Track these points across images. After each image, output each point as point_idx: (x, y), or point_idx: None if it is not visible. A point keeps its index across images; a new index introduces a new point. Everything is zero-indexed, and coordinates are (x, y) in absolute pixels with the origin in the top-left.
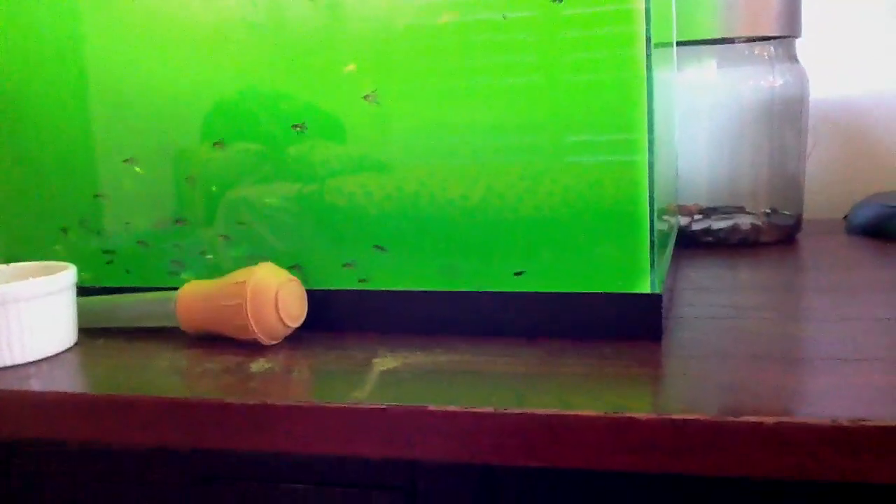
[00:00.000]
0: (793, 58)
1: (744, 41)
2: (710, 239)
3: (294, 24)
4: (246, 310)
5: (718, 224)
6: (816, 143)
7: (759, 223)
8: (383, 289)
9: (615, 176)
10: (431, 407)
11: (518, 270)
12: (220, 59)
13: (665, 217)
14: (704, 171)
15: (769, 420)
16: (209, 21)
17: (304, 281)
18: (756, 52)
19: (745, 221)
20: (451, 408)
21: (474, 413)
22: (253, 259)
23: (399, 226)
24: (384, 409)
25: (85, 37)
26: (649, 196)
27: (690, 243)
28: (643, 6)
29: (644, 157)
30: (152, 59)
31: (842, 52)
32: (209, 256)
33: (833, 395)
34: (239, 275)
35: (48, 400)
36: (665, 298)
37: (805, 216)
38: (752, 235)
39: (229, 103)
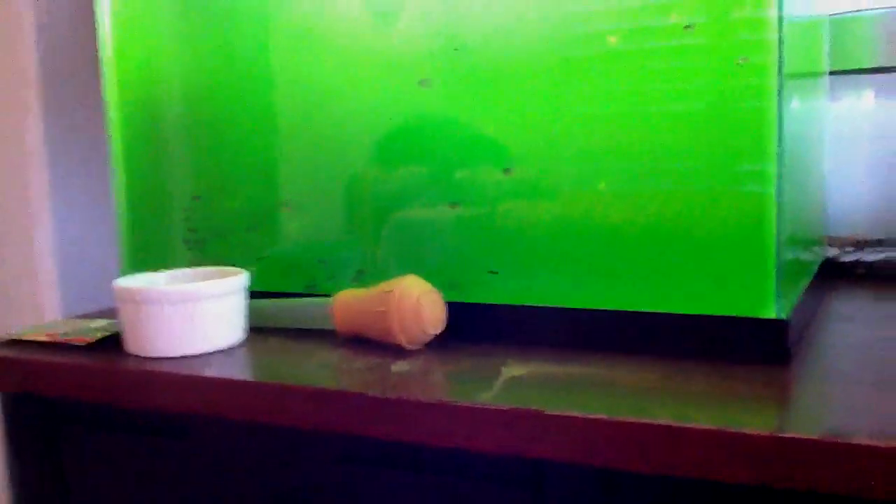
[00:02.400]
0: None
1: None
2: (862, 271)
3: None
4: (391, 315)
5: (870, 257)
6: None
7: None
8: (524, 304)
9: (744, 206)
10: (548, 411)
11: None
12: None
13: (803, 247)
14: (862, 203)
15: (879, 443)
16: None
17: (458, 294)
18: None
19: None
20: (568, 412)
21: (586, 419)
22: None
23: (552, 245)
24: (505, 410)
25: (275, 59)
26: (777, 226)
27: (841, 274)
28: (776, 36)
29: (772, 189)
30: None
31: None
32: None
33: None
34: (387, 285)
35: (220, 384)
36: (796, 325)
37: None
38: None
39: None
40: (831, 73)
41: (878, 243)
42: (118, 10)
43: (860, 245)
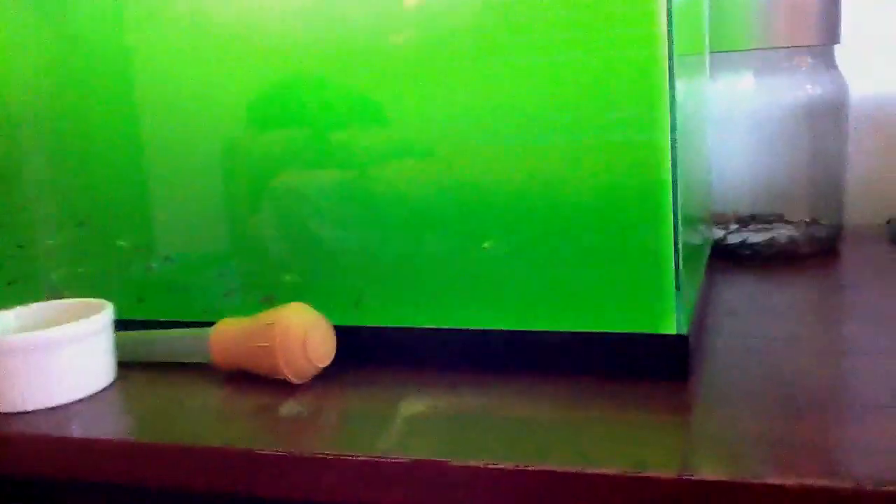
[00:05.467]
0: (832, 65)
1: (782, 50)
2: (748, 252)
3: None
4: (276, 351)
5: (755, 237)
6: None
7: (797, 234)
8: (407, 325)
9: (637, 206)
10: (453, 462)
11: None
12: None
13: (695, 232)
14: (743, 182)
15: (794, 483)
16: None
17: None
18: (794, 62)
19: (782, 234)
20: (473, 463)
21: (497, 469)
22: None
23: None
24: (407, 463)
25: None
26: (674, 234)
27: (726, 256)
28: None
29: (668, 195)
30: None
31: (883, 52)
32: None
33: (878, 453)
34: (268, 316)
35: (86, 445)
36: (692, 337)
37: (845, 221)
38: (790, 248)
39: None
40: (711, 52)
41: (752, 219)
42: None
43: (743, 222)
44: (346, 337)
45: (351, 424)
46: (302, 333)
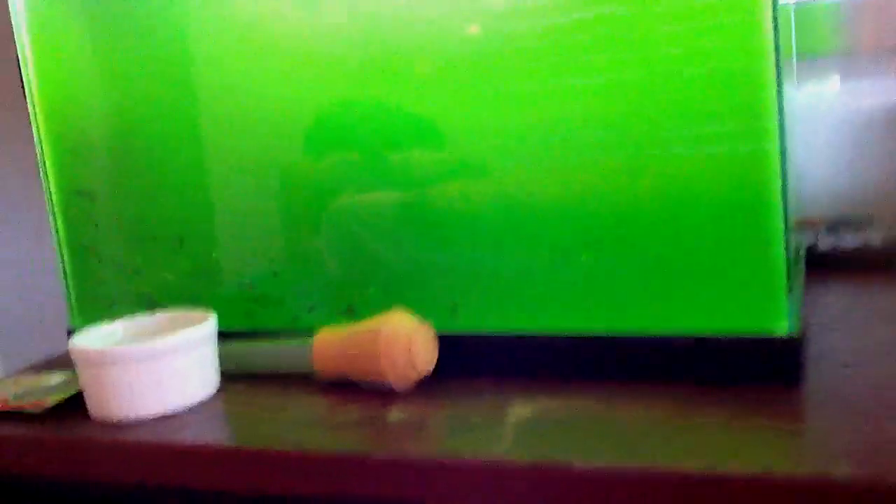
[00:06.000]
0: None
1: (868, 54)
2: (840, 257)
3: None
4: (381, 356)
5: (848, 242)
6: None
7: (889, 238)
8: (507, 332)
9: (745, 207)
10: (577, 464)
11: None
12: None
13: (797, 236)
14: (829, 188)
15: None
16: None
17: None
18: (881, 65)
19: (875, 238)
20: (596, 464)
21: (619, 471)
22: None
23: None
24: (526, 466)
25: (188, 56)
26: (784, 235)
27: (818, 263)
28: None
29: (778, 197)
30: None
31: None
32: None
33: None
34: (373, 322)
35: (193, 451)
36: (805, 338)
37: None
38: (883, 253)
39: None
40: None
41: (842, 224)
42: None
43: (833, 227)
44: (445, 345)
45: (462, 430)
46: (406, 339)
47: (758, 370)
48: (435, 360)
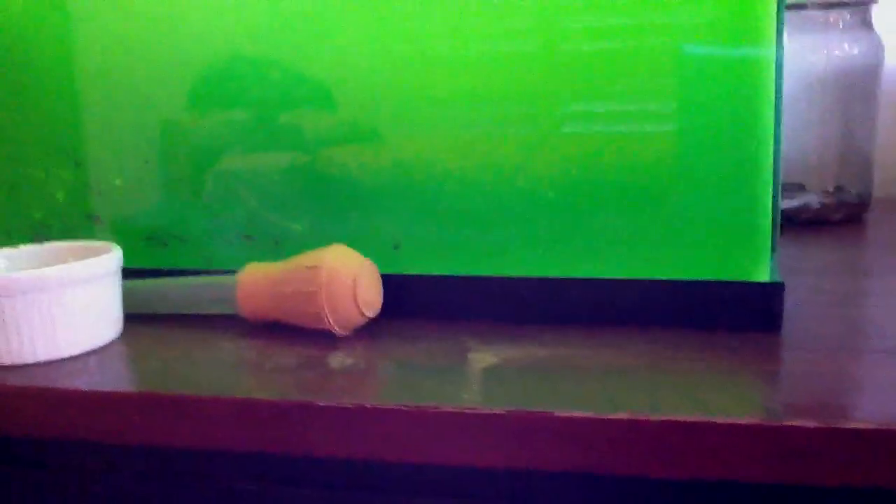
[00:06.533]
0: (868, 25)
1: (816, 7)
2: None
3: None
4: (320, 296)
5: (787, 204)
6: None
7: (827, 202)
8: (464, 273)
9: (734, 152)
10: (558, 412)
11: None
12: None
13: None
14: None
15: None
16: None
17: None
18: (830, 19)
19: (814, 200)
20: (579, 413)
21: (606, 419)
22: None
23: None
24: (504, 414)
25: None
26: (773, 172)
27: None
28: None
29: (769, 133)
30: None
31: None
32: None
33: None
34: (308, 258)
35: (92, 397)
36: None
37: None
38: (821, 215)
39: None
40: None
41: (784, 188)
42: None
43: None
44: (388, 286)
45: (420, 377)
46: (351, 277)
47: (743, 316)
48: (380, 303)
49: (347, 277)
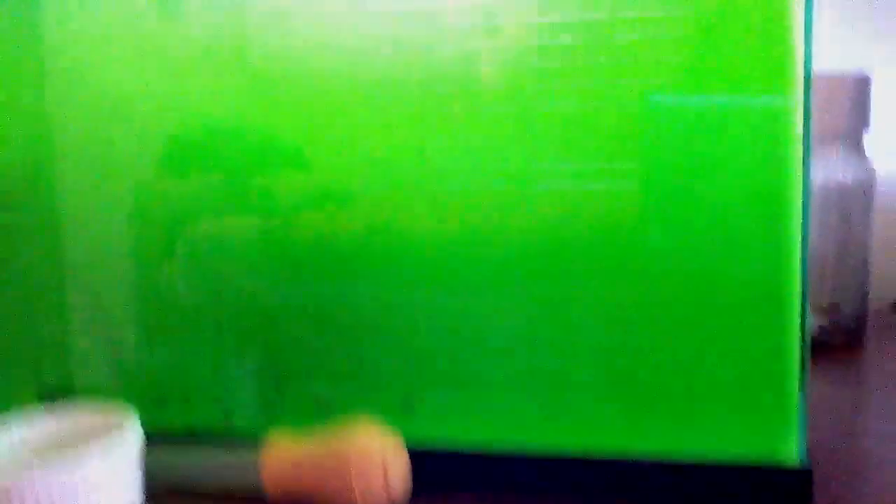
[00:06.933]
0: (861, 153)
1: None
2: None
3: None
4: (350, 478)
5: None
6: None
7: (825, 324)
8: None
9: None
10: None
11: None
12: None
13: None
14: None
15: None
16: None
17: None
18: (825, 151)
19: (812, 324)
20: None
21: None
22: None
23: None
24: None
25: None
26: (800, 340)
27: None
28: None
29: (796, 310)
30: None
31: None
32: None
33: None
34: (336, 436)
35: None
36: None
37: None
38: (820, 339)
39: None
40: None
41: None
42: None
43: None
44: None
45: None
46: (381, 459)
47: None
48: (410, 483)
49: (377, 459)
